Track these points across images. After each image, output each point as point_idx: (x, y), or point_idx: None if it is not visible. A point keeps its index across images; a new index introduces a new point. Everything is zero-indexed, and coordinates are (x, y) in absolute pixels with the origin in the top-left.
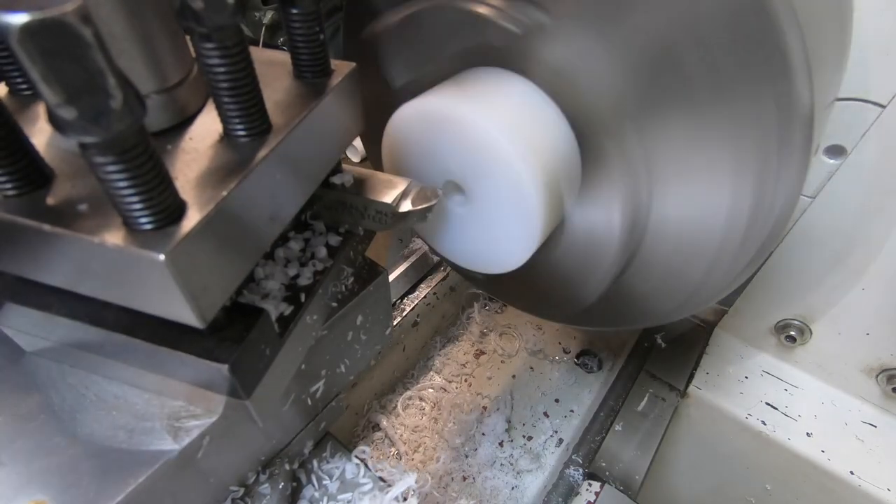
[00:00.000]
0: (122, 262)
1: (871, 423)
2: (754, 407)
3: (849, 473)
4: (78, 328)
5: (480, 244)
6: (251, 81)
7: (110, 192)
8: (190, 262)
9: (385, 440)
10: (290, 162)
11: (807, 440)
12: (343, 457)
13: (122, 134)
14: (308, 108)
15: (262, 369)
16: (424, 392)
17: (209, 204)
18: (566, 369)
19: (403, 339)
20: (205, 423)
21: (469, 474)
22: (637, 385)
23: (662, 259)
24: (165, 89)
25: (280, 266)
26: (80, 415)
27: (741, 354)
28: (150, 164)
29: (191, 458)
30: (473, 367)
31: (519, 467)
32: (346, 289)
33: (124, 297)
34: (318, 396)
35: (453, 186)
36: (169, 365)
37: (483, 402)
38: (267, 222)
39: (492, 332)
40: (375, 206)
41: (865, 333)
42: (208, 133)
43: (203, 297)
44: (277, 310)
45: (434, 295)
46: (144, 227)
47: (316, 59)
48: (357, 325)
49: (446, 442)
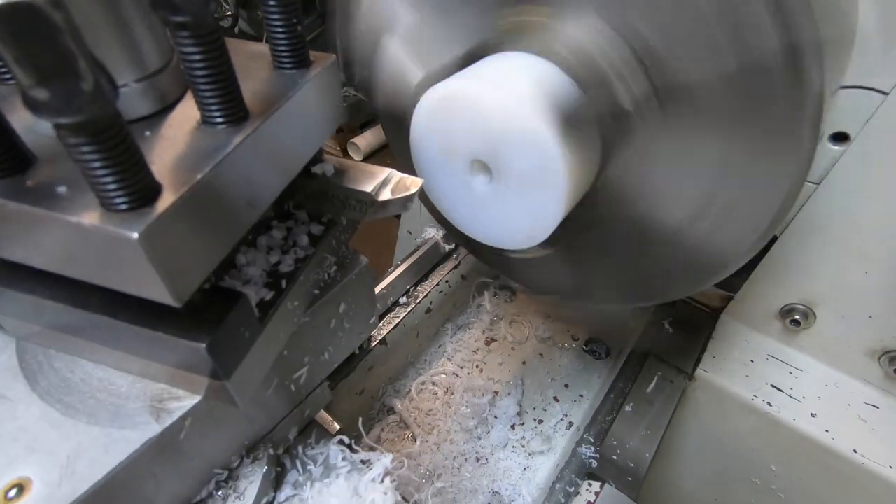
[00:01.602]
0: (97, 241)
1: (874, 405)
2: (760, 389)
3: (852, 452)
4: (62, 311)
5: (508, 220)
6: (226, 69)
7: (85, 173)
8: (163, 241)
9: (400, 423)
10: (266, 149)
11: (811, 420)
12: (328, 443)
13: (95, 116)
14: (285, 98)
15: (241, 351)
16: (437, 377)
17: (183, 186)
18: (575, 356)
19: (417, 325)
20: (187, 405)
21: (482, 455)
22: (646, 368)
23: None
24: (145, 77)
25: (262, 253)
26: (66, 397)
27: (747, 339)
28: (123, 146)
29: (173, 440)
30: (484, 354)
31: (531, 449)
32: (328, 277)
33: (102, 276)
34: (302, 383)
35: (480, 166)
36: (150, 346)
37: (495, 386)
38: (244, 207)
39: (502, 321)
40: (356, 195)
41: (868, 317)
42: (187, 120)
43: (178, 276)
44: (258, 295)
45: (446, 283)
46: (119, 208)
47: (294, 51)
48: (340, 312)
49: (459, 425)
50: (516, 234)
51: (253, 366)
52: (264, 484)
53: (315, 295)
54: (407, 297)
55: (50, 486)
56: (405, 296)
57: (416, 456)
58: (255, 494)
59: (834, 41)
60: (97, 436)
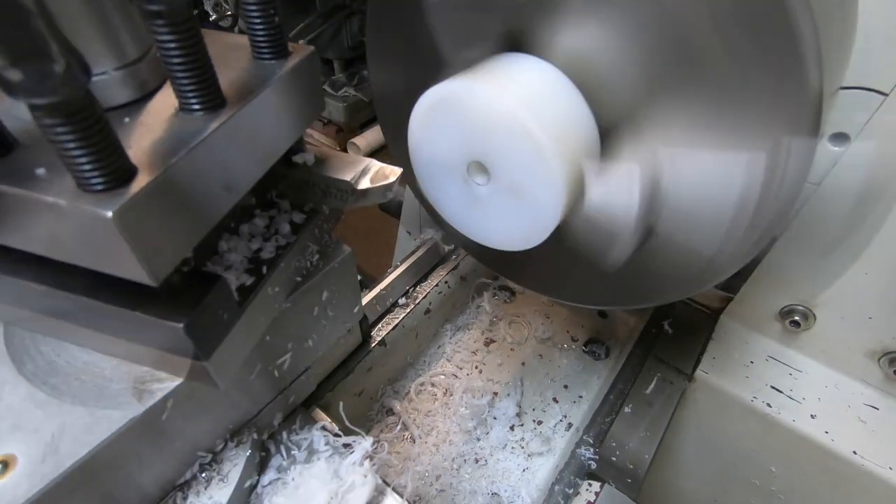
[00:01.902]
0: (74, 220)
1: (874, 406)
2: (760, 390)
3: (852, 454)
4: (46, 293)
5: (504, 222)
6: (202, 57)
7: (61, 154)
8: (138, 221)
9: (399, 424)
10: (242, 135)
11: (811, 422)
12: (312, 428)
13: (67, 97)
14: (262, 87)
15: (220, 333)
16: (436, 378)
17: (158, 169)
18: (574, 357)
19: (416, 326)
20: (169, 387)
21: (481, 456)
22: (645, 369)
23: (678, 233)
24: (124, 66)
25: (244, 241)
26: (52, 379)
27: (746, 340)
28: (97, 127)
29: (155, 420)
30: (484, 355)
31: (530, 450)
32: (311, 265)
33: (81, 256)
34: (286, 369)
35: (477, 167)
36: (132, 328)
37: (494, 387)
38: (221, 191)
39: (501, 321)
40: (336, 184)
41: (868, 318)
42: (165, 108)
43: (154, 255)
44: (239, 280)
45: (445, 283)
46: (95, 189)
47: (272, 42)
48: (323, 300)
49: (458, 426)
50: (516, 235)
51: (233, 348)
52: (248, 467)
53: (297, 282)
54: (406, 297)
55: (34, 463)
56: (404, 297)
57: (415, 457)
58: (238, 477)
59: (833, 41)
60: (81, 415)
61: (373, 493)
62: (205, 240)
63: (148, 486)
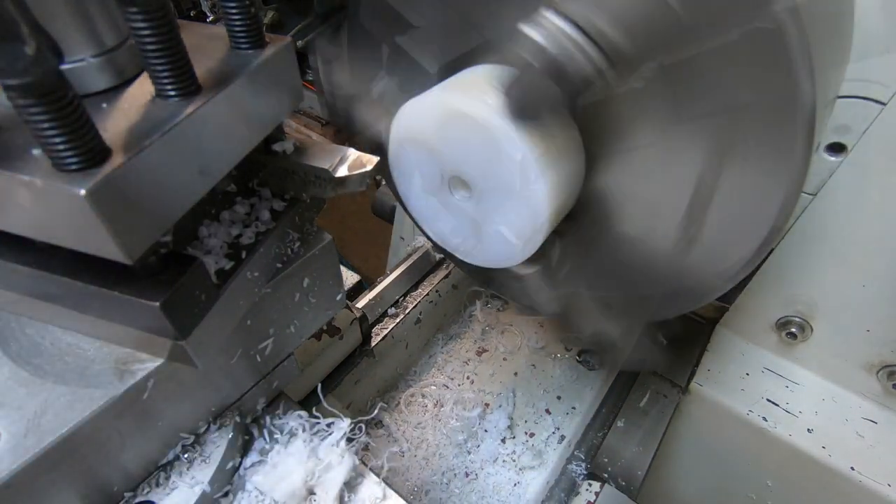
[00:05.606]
0: (50, 199)
1: (872, 420)
2: (756, 403)
3: (849, 469)
4: (28, 275)
5: (487, 238)
6: (176, 44)
7: (36, 134)
8: (111, 199)
9: (388, 436)
10: (218, 121)
11: (808, 436)
12: (295, 412)
13: (39, 78)
14: (238, 75)
15: (198, 313)
16: (427, 389)
17: (132, 150)
18: (568, 367)
19: (406, 336)
20: (149, 367)
21: (471, 470)
22: (639, 382)
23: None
24: (102, 53)
25: (224, 227)
26: (36, 359)
27: (742, 351)
28: (70, 108)
29: (136, 399)
30: (476, 365)
31: (521, 464)
32: (292, 252)
33: (57, 235)
34: (268, 354)
35: (459, 182)
36: (111, 308)
37: (485, 398)
38: (196, 174)
39: (493, 330)
40: (314, 172)
41: (866, 330)
42: (142, 94)
43: (128, 234)
44: (218, 264)
45: (436, 293)
46: (70, 168)
47: (249, 32)
48: (304, 287)
49: (449, 438)
50: (499, 251)
51: (211, 329)
52: (230, 449)
53: (278, 268)
54: (396, 307)
55: (17, 438)
56: (394, 306)
57: (404, 471)
58: (220, 458)
59: (828, 51)
60: (63, 393)
61: (350, 474)
62: (185, 225)
63: (131, 464)
